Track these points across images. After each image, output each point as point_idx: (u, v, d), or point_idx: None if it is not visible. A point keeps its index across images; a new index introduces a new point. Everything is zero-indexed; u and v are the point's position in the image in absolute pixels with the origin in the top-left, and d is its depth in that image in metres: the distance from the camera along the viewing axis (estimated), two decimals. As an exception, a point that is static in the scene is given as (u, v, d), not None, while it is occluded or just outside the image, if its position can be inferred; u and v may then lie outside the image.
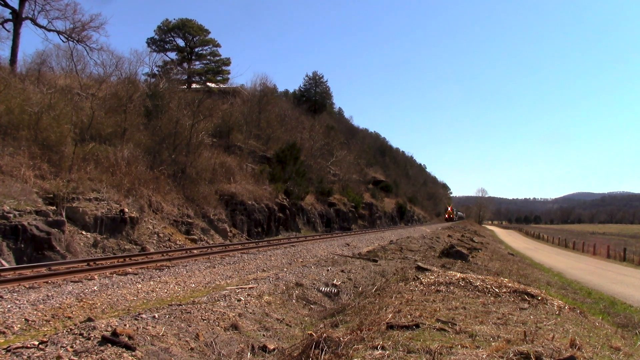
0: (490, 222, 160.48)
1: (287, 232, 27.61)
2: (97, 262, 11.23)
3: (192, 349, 5.28)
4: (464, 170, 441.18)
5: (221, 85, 45.52)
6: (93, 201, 14.90)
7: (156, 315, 5.85)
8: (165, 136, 22.94)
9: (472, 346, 4.22)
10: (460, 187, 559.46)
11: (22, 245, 11.24)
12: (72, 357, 4.33)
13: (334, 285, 10.02)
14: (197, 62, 45.41)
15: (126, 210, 15.37)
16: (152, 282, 9.04)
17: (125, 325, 5.24)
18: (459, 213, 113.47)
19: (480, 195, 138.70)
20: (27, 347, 4.48)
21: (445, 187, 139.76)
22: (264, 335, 6.37)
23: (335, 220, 37.82)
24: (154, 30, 44.16)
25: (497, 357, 3.81)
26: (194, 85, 42.54)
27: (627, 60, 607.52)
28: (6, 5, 22.44)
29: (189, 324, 5.80)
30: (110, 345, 4.61)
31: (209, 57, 45.41)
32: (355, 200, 42.91)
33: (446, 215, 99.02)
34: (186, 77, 42.19)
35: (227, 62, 45.79)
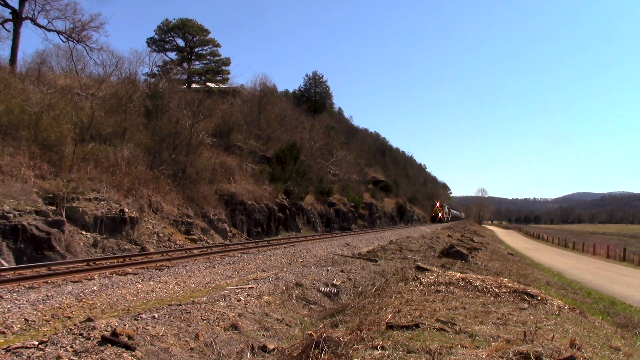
0: (490, 222, 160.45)
1: (287, 232, 27.61)
2: (97, 262, 11.22)
3: (191, 349, 5.29)
4: (464, 170, 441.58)
5: (221, 85, 45.53)
6: (93, 201, 14.90)
7: (156, 315, 5.85)
8: (165, 136, 22.94)
9: (472, 346, 4.23)
10: (460, 187, 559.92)
11: (22, 245, 11.23)
12: (72, 357, 4.33)
13: (334, 285, 10.02)
14: (197, 62, 45.44)
15: (126, 210, 15.37)
16: (151, 282, 9.04)
17: (125, 325, 5.24)
18: (453, 212, 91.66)
19: (480, 195, 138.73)
20: (27, 347, 4.48)
21: (445, 187, 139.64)
22: (263, 335, 6.38)
23: (335, 220, 37.82)
24: (154, 30, 44.23)
25: (497, 357, 3.81)
26: (194, 85, 42.54)
27: (627, 60, 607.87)
28: (6, 5, 22.44)
29: (188, 324, 5.80)
30: (110, 345, 4.61)
31: (208, 57, 45.44)
32: (355, 200, 42.90)
33: (432, 214, 71.65)
34: (186, 77, 42.18)
35: (227, 62, 45.83)
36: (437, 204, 73.24)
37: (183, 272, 10.36)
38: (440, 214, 70.12)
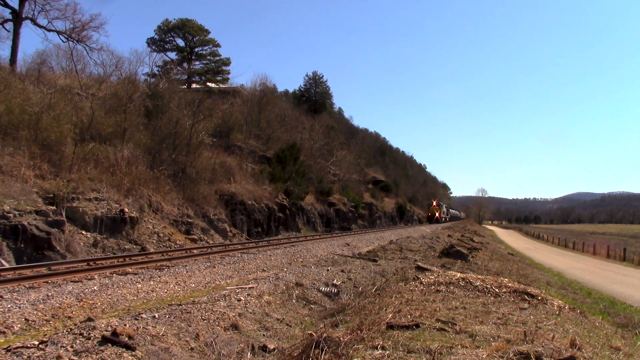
0: (490, 222, 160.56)
1: (287, 232, 27.61)
2: (97, 262, 11.23)
3: (192, 348, 5.29)
4: (464, 170, 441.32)
5: (221, 85, 45.55)
6: (93, 201, 14.90)
7: (156, 315, 5.85)
8: (165, 136, 22.94)
9: (472, 346, 4.23)
10: (460, 187, 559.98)
11: (22, 245, 11.23)
12: (72, 357, 4.33)
13: (334, 285, 10.03)
14: (197, 62, 45.46)
15: (126, 210, 15.37)
16: (152, 282, 9.04)
17: (125, 325, 5.24)
18: (452, 211, 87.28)
19: (480, 195, 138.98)
20: (27, 347, 4.48)
21: (445, 187, 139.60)
22: (264, 335, 6.38)
23: (335, 220, 37.82)
24: (154, 30, 44.25)
25: (497, 357, 3.81)
26: (194, 85, 42.55)
27: (627, 60, 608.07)
28: (6, 5, 22.45)
29: (189, 324, 5.80)
30: (110, 345, 4.61)
31: (209, 57, 45.46)
32: (355, 200, 42.91)
33: (429, 214, 66.57)
34: (186, 77, 42.20)
35: (227, 62, 45.86)
36: (434, 203, 68.32)
37: (183, 272, 10.36)
38: (437, 214, 65.23)
